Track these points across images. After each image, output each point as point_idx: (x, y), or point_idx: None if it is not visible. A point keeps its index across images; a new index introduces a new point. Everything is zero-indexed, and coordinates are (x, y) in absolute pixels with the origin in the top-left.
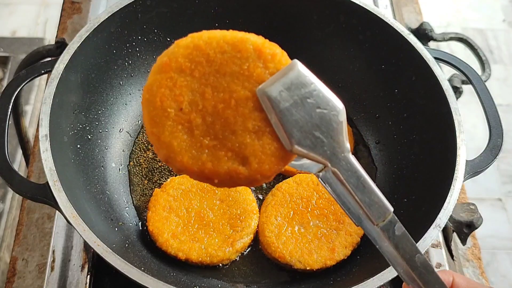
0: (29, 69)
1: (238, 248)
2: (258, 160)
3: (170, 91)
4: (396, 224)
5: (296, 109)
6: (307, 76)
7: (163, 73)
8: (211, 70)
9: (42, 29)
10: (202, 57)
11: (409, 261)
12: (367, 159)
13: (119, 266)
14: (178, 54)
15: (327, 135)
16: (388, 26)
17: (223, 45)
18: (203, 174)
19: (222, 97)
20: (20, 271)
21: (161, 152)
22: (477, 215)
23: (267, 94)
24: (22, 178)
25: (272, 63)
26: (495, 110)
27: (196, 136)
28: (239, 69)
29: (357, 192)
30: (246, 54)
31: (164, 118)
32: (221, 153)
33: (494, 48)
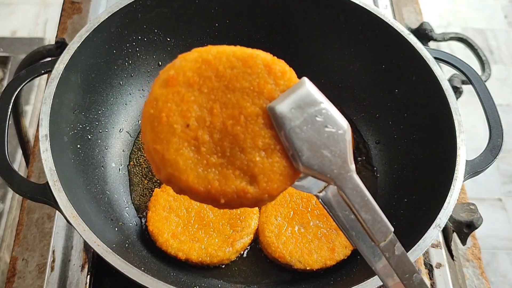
0: (29, 69)
1: (238, 248)
2: (267, 179)
3: (177, 106)
4: (396, 244)
5: (306, 127)
6: (316, 94)
7: (169, 87)
8: (220, 85)
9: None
10: (211, 71)
11: (406, 280)
12: (367, 159)
13: (119, 266)
14: (186, 68)
15: (334, 154)
16: (388, 26)
17: (233, 60)
18: (209, 194)
19: (231, 113)
20: (20, 271)
21: (164, 171)
22: (477, 215)
23: (278, 111)
24: (22, 178)
25: (282, 80)
26: (495, 110)
27: (202, 154)
28: (249, 85)
29: (361, 211)
30: (257, 70)
31: (170, 134)
32: (229, 172)
33: (494, 48)
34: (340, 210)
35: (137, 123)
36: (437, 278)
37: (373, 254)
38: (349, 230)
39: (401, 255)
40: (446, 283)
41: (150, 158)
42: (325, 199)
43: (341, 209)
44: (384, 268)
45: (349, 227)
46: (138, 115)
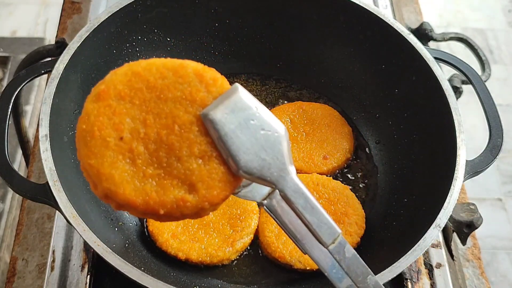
0: (29, 69)
1: (238, 248)
2: (206, 186)
3: (109, 119)
4: (345, 246)
5: (241, 131)
6: (249, 99)
7: (100, 101)
8: (151, 96)
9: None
10: (142, 83)
11: (360, 283)
12: (367, 159)
13: (119, 266)
14: (116, 81)
15: (272, 156)
16: (388, 26)
17: (163, 71)
18: (148, 206)
19: (165, 123)
20: (20, 271)
21: (100, 187)
22: (477, 215)
23: (211, 117)
24: (22, 178)
25: (214, 87)
26: (495, 110)
27: (138, 166)
28: (181, 94)
29: (305, 214)
30: (188, 79)
31: (104, 148)
32: (167, 182)
33: (494, 48)
34: (286, 217)
35: None
36: (437, 278)
37: (325, 261)
38: (298, 238)
39: (352, 257)
40: (446, 283)
41: (86, 175)
42: (270, 206)
43: (287, 215)
44: (338, 276)
45: (298, 235)
46: None
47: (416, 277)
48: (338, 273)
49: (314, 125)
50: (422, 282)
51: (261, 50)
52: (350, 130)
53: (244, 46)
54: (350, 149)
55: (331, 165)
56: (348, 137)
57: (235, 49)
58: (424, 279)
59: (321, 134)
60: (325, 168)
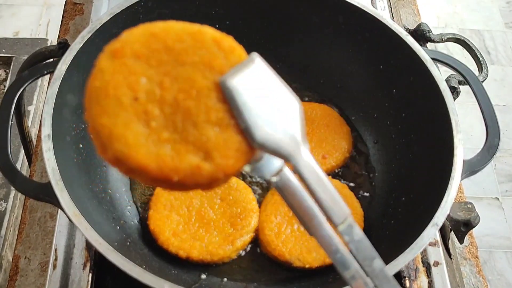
0: (32, 70)
1: (238, 246)
2: (222, 155)
3: (125, 78)
4: (354, 227)
5: (258, 102)
6: (267, 71)
7: (116, 58)
8: (169, 59)
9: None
10: (160, 44)
11: (367, 266)
12: (365, 158)
13: (121, 264)
14: (133, 40)
15: (289, 130)
16: (386, 27)
17: (182, 34)
18: (161, 171)
19: (182, 87)
20: (23, 269)
21: (111, 149)
22: (474, 214)
23: (230, 84)
24: (24, 177)
25: (232, 55)
26: (492, 110)
27: (153, 129)
28: (199, 59)
29: (318, 191)
30: (206, 45)
31: (118, 108)
32: (182, 148)
33: (491, 49)
34: (295, 196)
35: None
36: (434, 276)
37: (330, 245)
38: (306, 219)
39: (360, 239)
40: (444, 281)
41: (96, 136)
42: (279, 183)
43: (296, 195)
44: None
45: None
46: None
47: (414, 275)
48: (343, 258)
49: (313, 125)
50: (420, 280)
51: (261, 51)
52: (349, 130)
53: (244, 46)
54: (348, 149)
55: (330, 164)
56: (346, 137)
57: None
58: (422, 277)
59: (320, 134)
60: (324, 167)
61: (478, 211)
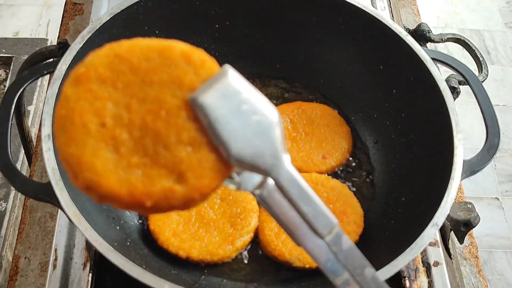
0: (32, 70)
1: (238, 246)
2: (196, 175)
3: (90, 104)
4: (342, 237)
5: (232, 117)
6: (241, 82)
7: (80, 84)
8: (136, 79)
9: (45, 30)
10: (125, 65)
11: (358, 275)
12: (365, 158)
13: (120, 264)
14: (97, 63)
15: (266, 143)
16: (386, 27)
17: (147, 52)
18: (133, 197)
19: (151, 108)
20: (23, 269)
21: (81, 177)
22: (474, 214)
23: (201, 101)
24: (25, 177)
25: (203, 69)
26: (492, 110)
27: (122, 154)
28: (168, 76)
29: (300, 204)
30: (175, 61)
31: (85, 135)
32: (153, 171)
33: (491, 49)
34: (279, 207)
35: None
36: (434, 276)
37: (320, 254)
38: (291, 230)
39: (349, 249)
40: (444, 281)
41: (66, 165)
42: (262, 196)
43: (280, 206)
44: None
45: (292, 226)
46: None
47: (414, 275)
48: (334, 266)
49: (313, 125)
50: (420, 280)
51: (261, 51)
52: (349, 130)
53: (244, 47)
54: (348, 149)
55: (330, 164)
56: (346, 137)
57: (235, 50)
58: (422, 277)
59: (320, 134)
60: (324, 167)
61: (478, 211)
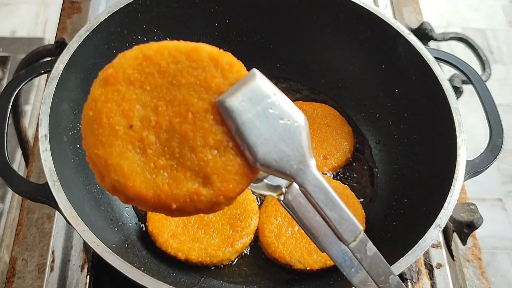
0: (29, 69)
1: (238, 248)
2: (222, 179)
3: (118, 106)
4: (367, 244)
5: (259, 121)
6: (268, 86)
7: (108, 86)
8: (163, 82)
9: (42, 29)
10: (153, 68)
11: (382, 283)
12: (367, 159)
13: (118, 267)
14: (125, 65)
15: (292, 148)
16: (388, 26)
17: (176, 55)
18: (159, 200)
19: (178, 111)
20: (20, 271)
21: (108, 179)
22: (477, 215)
23: (228, 105)
24: (21, 178)
25: (230, 72)
26: (496, 110)
27: (149, 156)
28: (195, 79)
29: (326, 209)
30: (202, 64)
31: (112, 137)
32: (179, 174)
33: (494, 48)
34: (304, 212)
35: None
36: (437, 278)
37: (343, 260)
38: (315, 234)
39: (373, 256)
40: (446, 283)
41: (93, 165)
42: (287, 201)
43: (305, 210)
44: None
45: (315, 231)
46: None
47: (416, 277)
48: (357, 272)
49: (314, 125)
50: (422, 282)
51: (261, 50)
52: (350, 130)
53: (244, 46)
54: (350, 149)
55: (331, 165)
56: (348, 137)
57: (235, 49)
58: (425, 279)
59: (321, 134)
60: (325, 168)
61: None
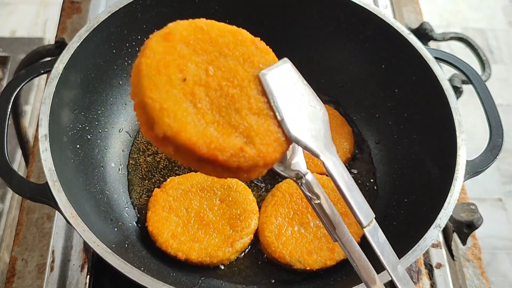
0: (29, 69)
1: (238, 248)
2: (263, 142)
3: (174, 60)
4: (378, 231)
5: (293, 101)
6: (298, 74)
7: (167, 41)
8: (213, 49)
9: (42, 29)
10: (205, 36)
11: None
12: (367, 159)
13: (118, 266)
14: (181, 28)
15: (319, 129)
16: (388, 26)
17: (224, 31)
18: (208, 149)
19: (226, 76)
20: (20, 271)
21: (160, 125)
22: (477, 215)
23: (269, 78)
24: (21, 178)
25: (268, 55)
26: (496, 110)
27: (199, 110)
28: (240, 54)
29: (347, 191)
30: (246, 43)
31: (168, 85)
32: (225, 130)
33: (494, 48)
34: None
35: (136, 123)
36: (437, 278)
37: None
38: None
39: (384, 243)
40: (446, 283)
41: (142, 111)
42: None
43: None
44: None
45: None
46: None
47: (416, 277)
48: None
49: None
50: (422, 282)
51: None
52: (350, 130)
53: None
54: (350, 149)
55: None
56: (348, 137)
57: None
58: (424, 279)
59: None
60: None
61: (481, 212)
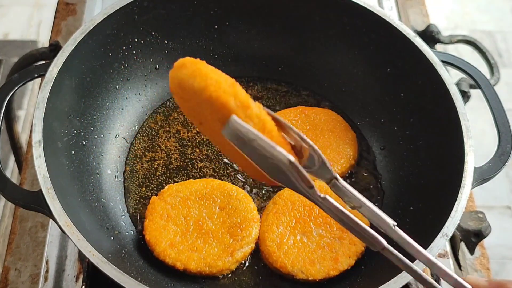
0: (22, 73)
1: (238, 258)
2: None
3: None
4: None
5: (255, 157)
6: (250, 131)
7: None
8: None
9: (36, 31)
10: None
11: None
12: (371, 165)
13: (115, 277)
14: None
15: (290, 178)
16: (393, 28)
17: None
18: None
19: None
20: (13, 281)
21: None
22: (486, 223)
23: (227, 138)
24: (14, 185)
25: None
26: (504, 115)
27: None
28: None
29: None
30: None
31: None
32: None
33: (503, 51)
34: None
35: (133, 128)
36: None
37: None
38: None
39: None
40: None
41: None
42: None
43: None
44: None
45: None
46: (134, 120)
47: None
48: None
49: (316, 131)
50: None
51: (262, 53)
52: (354, 136)
53: (244, 48)
54: (354, 156)
55: (335, 172)
56: (352, 143)
57: (235, 52)
58: None
59: (324, 140)
60: None
61: (489, 220)
